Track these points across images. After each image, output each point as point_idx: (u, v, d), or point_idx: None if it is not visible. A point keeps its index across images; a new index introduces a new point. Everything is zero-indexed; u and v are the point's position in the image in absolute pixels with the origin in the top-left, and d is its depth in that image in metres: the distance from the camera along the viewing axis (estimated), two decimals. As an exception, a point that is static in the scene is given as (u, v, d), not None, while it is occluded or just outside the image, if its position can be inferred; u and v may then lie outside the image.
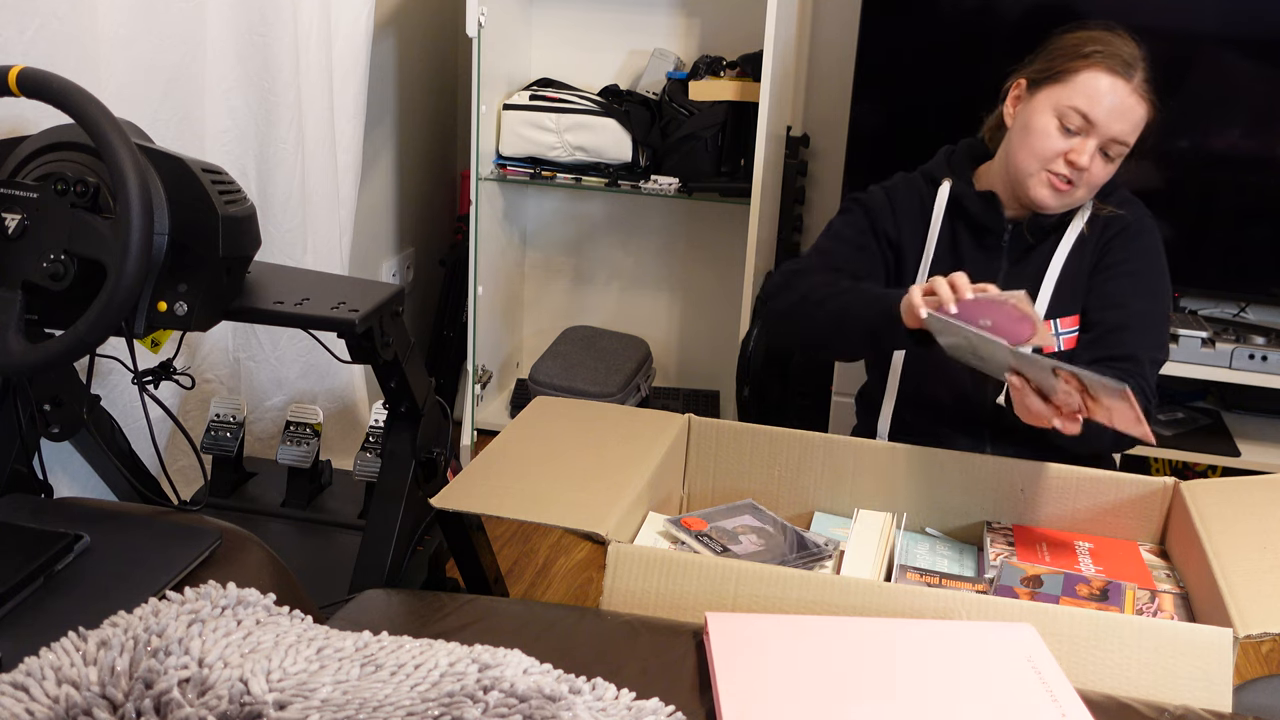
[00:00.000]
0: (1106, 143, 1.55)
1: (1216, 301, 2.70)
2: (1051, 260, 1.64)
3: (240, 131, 1.96)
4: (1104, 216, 1.65)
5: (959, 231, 1.69)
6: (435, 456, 1.61)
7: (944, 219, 1.69)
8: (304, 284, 1.47)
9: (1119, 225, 1.64)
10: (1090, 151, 1.54)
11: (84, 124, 1.20)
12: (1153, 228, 1.66)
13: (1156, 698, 1.11)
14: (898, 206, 1.72)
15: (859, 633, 1.14)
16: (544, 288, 3.16)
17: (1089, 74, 1.54)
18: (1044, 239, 1.65)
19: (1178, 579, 1.39)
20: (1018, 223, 1.65)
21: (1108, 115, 1.53)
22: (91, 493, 1.68)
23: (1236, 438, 2.68)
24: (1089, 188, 1.59)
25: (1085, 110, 1.53)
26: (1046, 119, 1.56)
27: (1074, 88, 1.54)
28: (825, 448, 1.56)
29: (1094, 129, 1.53)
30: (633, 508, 1.37)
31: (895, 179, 1.77)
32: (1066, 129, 1.55)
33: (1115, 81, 1.53)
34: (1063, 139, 1.55)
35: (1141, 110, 1.55)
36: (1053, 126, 1.55)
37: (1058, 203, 1.59)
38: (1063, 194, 1.58)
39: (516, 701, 0.92)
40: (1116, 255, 1.64)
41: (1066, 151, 1.55)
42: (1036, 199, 1.59)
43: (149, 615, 1.01)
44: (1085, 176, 1.56)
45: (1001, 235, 1.66)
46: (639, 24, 2.89)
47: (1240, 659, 1.40)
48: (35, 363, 1.22)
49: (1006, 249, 1.67)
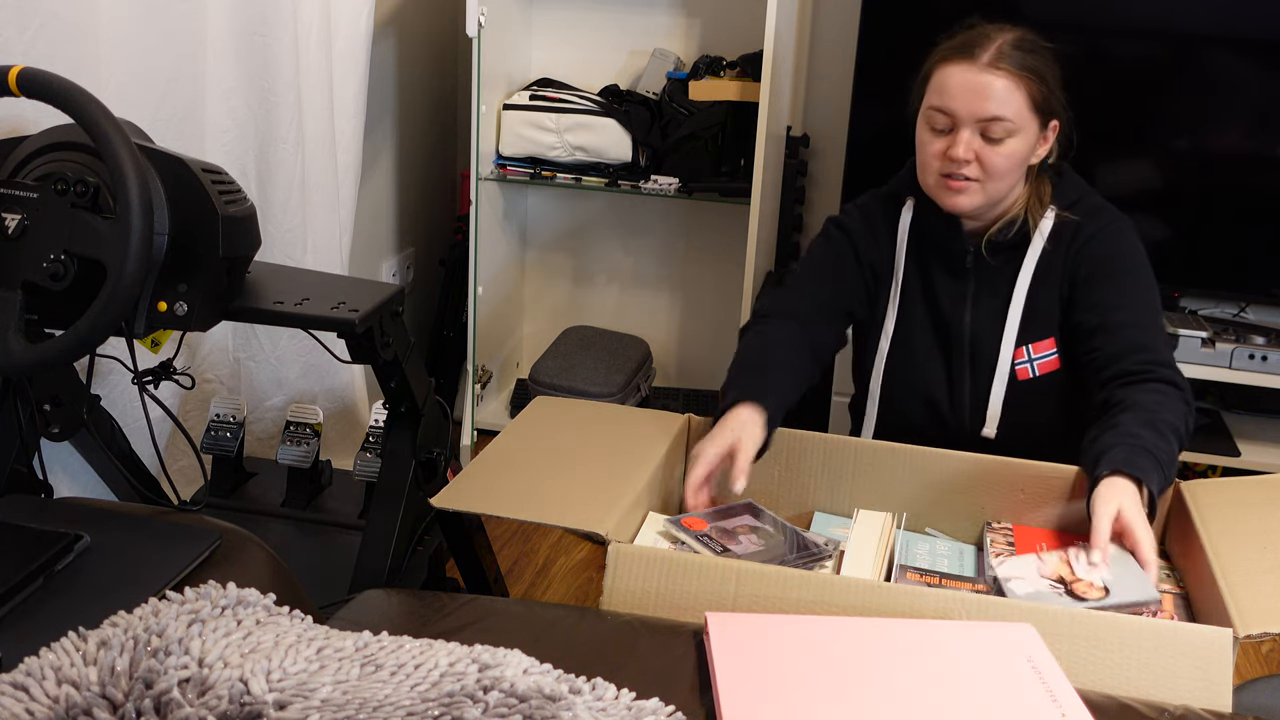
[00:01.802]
0: (981, 126, 1.54)
1: (1216, 301, 2.69)
2: (1018, 278, 1.63)
3: (240, 131, 1.96)
4: (1068, 231, 1.62)
5: (926, 254, 1.69)
6: (435, 456, 1.61)
7: (909, 241, 1.70)
8: (304, 284, 1.47)
9: (1085, 235, 1.62)
10: (965, 141, 1.54)
11: (84, 124, 1.20)
12: (1126, 226, 1.64)
13: (1156, 698, 1.11)
14: (874, 229, 1.73)
15: (859, 633, 1.14)
16: (544, 288, 3.16)
17: (938, 71, 1.57)
18: (1005, 255, 1.64)
19: (1178, 579, 1.39)
20: (977, 246, 1.65)
21: (959, 100, 1.54)
22: (91, 493, 1.68)
23: (1236, 438, 2.68)
24: (994, 177, 1.56)
25: (939, 104, 1.55)
26: (921, 129, 1.60)
27: (930, 89, 1.58)
28: (825, 448, 1.56)
29: (956, 118, 1.54)
30: (633, 508, 1.37)
31: (865, 198, 1.78)
32: (937, 130, 1.57)
33: (958, 67, 1.54)
34: (937, 141, 1.57)
35: (1000, 82, 1.53)
36: (926, 133, 1.59)
37: (967, 201, 1.58)
38: (962, 192, 1.57)
39: (516, 701, 0.92)
40: (1095, 262, 1.61)
41: (944, 150, 1.56)
42: (947, 206, 1.60)
43: (149, 615, 1.01)
44: (978, 167, 1.55)
45: (964, 257, 1.66)
46: (639, 24, 2.89)
47: (1240, 659, 1.40)
48: (35, 363, 1.22)
49: (972, 270, 1.66)
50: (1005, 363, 1.64)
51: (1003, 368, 1.64)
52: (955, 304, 1.67)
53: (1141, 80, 2.48)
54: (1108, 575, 1.29)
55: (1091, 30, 2.48)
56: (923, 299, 1.69)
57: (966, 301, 1.66)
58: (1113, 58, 2.49)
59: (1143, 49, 2.47)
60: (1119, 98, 2.48)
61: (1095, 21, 2.47)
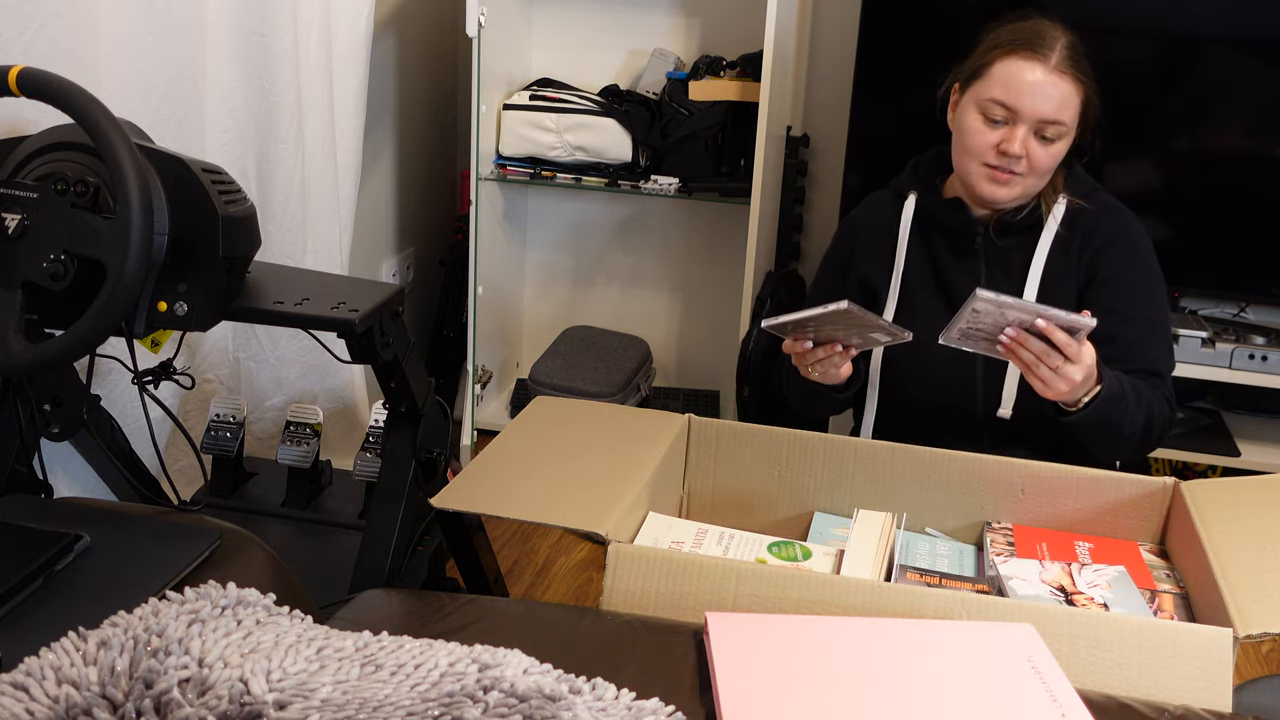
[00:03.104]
0: (1038, 126, 1.55)
1: (1216, 301, 2.70)
2: (1032, 260, 1.64)
3: (240, 131, 1.96)
4: (1084, 220, 1.63)
5: (933, 242, 1.70)
6: (435, 456, 1.61)
7: (913, 233, 1.70)
8: (304, 284, 1.47)
9: (1106, 233, 1.63)
10: (1020, 138, 1.55)
11: (84, 124, 1.20)
12: (1142, 234, 1.65)
13: (1156, 698, 1.11)
14: (862, 235, 1.75)
15: (859, 633, 1.14)
16: (544, 288, 3.16)
17: (1002, 63, 1.56)
18: (1017, 238, 1.65)
19: (1178, 579, 1.39)
20: (986, 226, 1.66)
21: (1027, 99, 1.54)
22: (91, 493, 1.67)
23: (1236, 438, 2.68)
24: (1037, 174, 1.58)
25: (1003, 99, 1.55)
26: (972, 116, 1.58)
27: (991, 80, 1.57)
28: (825, 448, 1.56)
29: (1018, 115, 1.55)
30: (633, 508, 1.37)
31: (865, 201, 1.80)
32: (993, 121, 1.57)
33: (1029, 64, 1.54)
34: (991, 132, 1.57)
35: (1066, 87, 1.55)
36: (979, 122, 1.58)
37: (1007, 194, 1.59)
38: (1006, 184, 1.58)
39: (516, 701, 0.92)
40: (1112, 267, 1.63)
41: (997, 143, 1.56)
42: (984, 194, 1.60)
43: (149, 615, 1.01)
44: (1027, 163, 1.56)
45: (974, 239, 1.66)
46: (639, 24, 2.89)
47: (1240, 659, 1.40)
48: (35, 363, 1.22)
49: (982, 252, 1.66)
50: None
51: None
52: (966, 285, 1.66)
53: (1141, 80, 2.48)
54: (1108, 593, 1.30)
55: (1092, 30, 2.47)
56: (932, 282, 1.69)
57: (979, 282, 1.66)
58: (1113, 58, 2.49)
59: (1143, 49, 2.47)
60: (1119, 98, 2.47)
61: (1095, 21, 2.46)
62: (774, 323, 1.46)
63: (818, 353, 1.52)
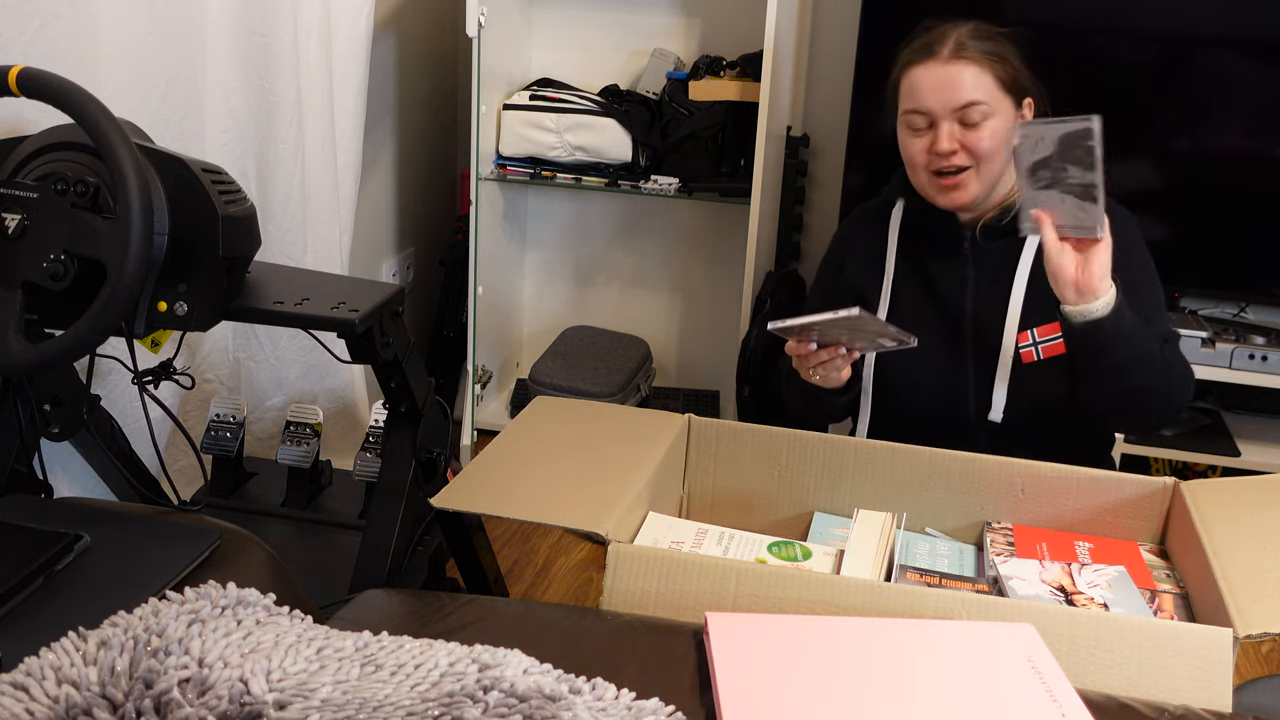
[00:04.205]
0: (958, 115, 1.57)
1: (1216, 301, 2.70)
2: (1019, 264, 1.64)
3: (240, 131, 1.96)
4: None
5: (921, 248, 1.71)
6: (435, 456, 1.61)
7: (901, 240, 1.72)
8: (304, 284, 1.47)
9: None
10: (946, 134, 1.57)
11: (84, 124, 1.20)
12: (1128, 220, 1.64)
13: (1156, 698, 1.11)
14: (852, 244, 1.78)
15: (859, 633, 1.14)
16: (544, 288, 3.16)
17: (906, 76, 1.62)
18: (1004, 241, 1.65)
19: (1178, 579, 1.39)
20: (973, 230, 1.66)
21: (930, 96, 1.57)
22: (91, 493, 1.68)
23: (1236, 438, 2.68)
24: (984, 160, 1.59)
25: (914, 106, 1.59)
26: (903, 133, 1.64)
27: (903, 94, 1.63)
28: (825, 448, 1.56)
29: (933, 114, 1.58)
30: (633, 508, 1.37)
31: (857, 210, 1.83)
32: (918, 131, 1.61)
33: (922, 68, 1.59)
34: (919, 140, 1.60)
35: (967, 70, 1.57)
36: (908, 136, 1.62)
37: (966, 194, 1.60)
38: (958, 186, 1.60)
39: (516, 701, 0.92)
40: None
41: (928, 147, 1.59)
42: (945, 204, 1.63)
43: (149, 615, 1.01)
44: (965, 153, 1.58)
45: (962, 243, 1.67)
46: (639, 24, 2.89)
47: (1240, 659, 1.40)
48: (35, 362, 1.22)
49: (971, 257, 1.67)
50: (1009, 347, 1.64)
51: (1006, 352, 1.64)
52: (955, 290, 1.67)
53: (1141, 80, 2.48)
54: (1108, 593, 1.30)
55: (1092, 30, 2.48)
56: (922, 290, 1.70)
57: (967, 287, 1.67)
58: (1113, 58, 2.49)
59: (1143, 49, 2.47)
60: (1119, 98, 2.48)
61: (1095, 21, 2.46)
62: (781, 325, 1.47)
63: (821, 355, 1.52)
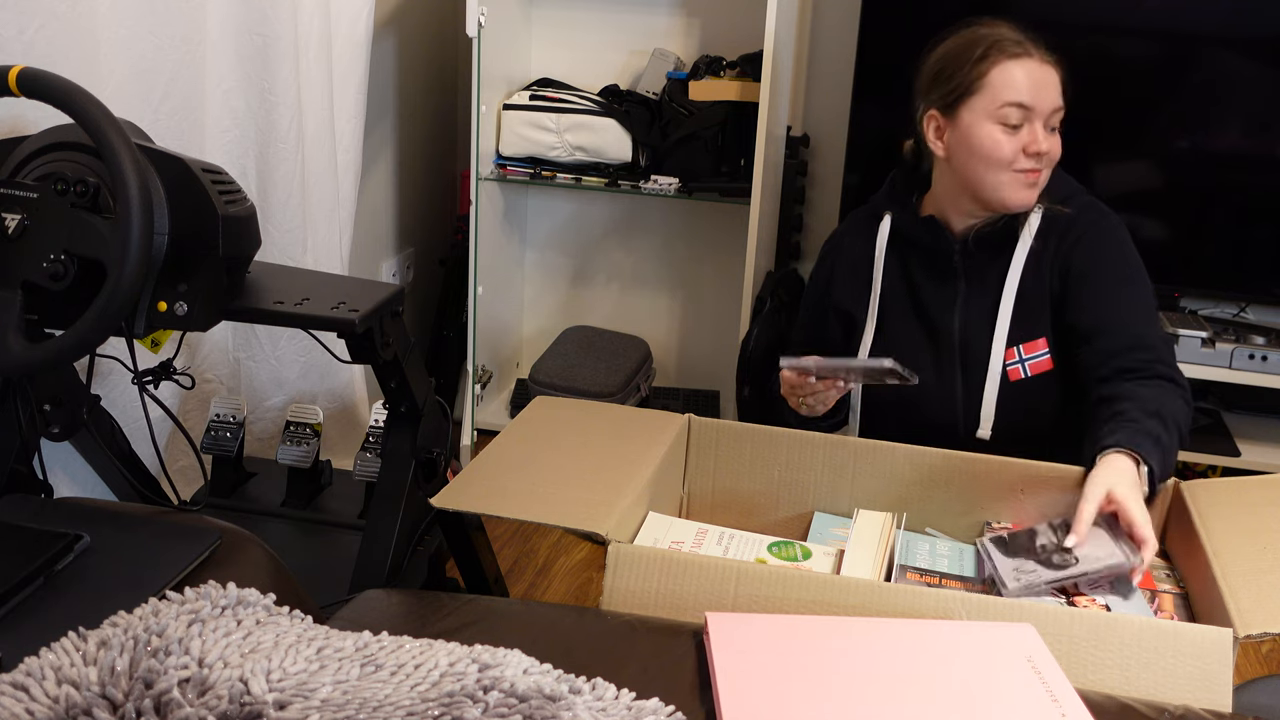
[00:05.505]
0: (1048, 118, 1.57)
1: (1216, 301, 2.70)
2: (1007, 276, 1.64)
3: (240, 131, 1.96)
4: (1057, 228, 1.63)
5: (909, 262, 1.70)
6: (435, 456, 1.61)
7: (889, 254, 1.71)
8: (304, 284, 1.47)
9: (1076, 232, 1.62)
10: (1042, 134, 1.57)
11: (84, 124, 1.20)
12: (1115, 224, 1.64)
13: (1156, 698, 1.11)
14: (840, 259, 1.77)
15: (859, 633, 1.14)
16: (544, 288, 3.16)
17: (998, 70, 1.56)
18: (991, 254, 1.65)
19: (1178, 579, 1.39)
20: (965, 241, 1.65)
21: (1038, 94, 1.56)
22: (91, 493, 1.67)
23: (1236, 438, 2.68)
24: (1051, 165, 1.61)
25: (1019, 100, 1.56)
26: (987, 129, 1.57)
27: (995, 89, 1.56)
28: (825, 448, 1.56)
29: (1033, 112, 1.56)
30: (633, 508, 1.37)
31: (847, 219, 1.82)
32: (1011, 127, 1.57)
33: (1023, 62, 1.56)
34: (1013, 137, 1.57)
35: (1056, 73, 1.58)
36: (998, 132, 1.57)
37: (1035, 195, 1.61)
38: (1036, 184, 1.60)
39: (516, 701, 0.92)
40: (1087, 260, 1.61)
41: (1024, 146, 1.57)
42: (1016, 202, 1.60)
43: (149, 615, 1.01)
44: (1047, 157, 1.58)
45: (951, 256, 1.66)
46: (639, 24, 2.89)
47: (1240, 659, 1.40)
48: (35, 363, 1.22)
49: (960, 270, 1.66)
50: (996, 364, 1.64)
51: (994, 369, 1.64)
52: (944, 308, 1.67)
53: (1141, 80, 2.48)
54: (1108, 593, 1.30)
55: (1092, 30, 2.48)
56: (909, 305, 1.70)
57: (956, 305, 1.67)
58: (1113, 58, 2.49)
59: (1143, 49, 2.47)
60: (1119, 98, 2.48)
61: (1095, 21, 2.47)
62: (796, 365, 1.50)
63: (816, 386, 1.53)
